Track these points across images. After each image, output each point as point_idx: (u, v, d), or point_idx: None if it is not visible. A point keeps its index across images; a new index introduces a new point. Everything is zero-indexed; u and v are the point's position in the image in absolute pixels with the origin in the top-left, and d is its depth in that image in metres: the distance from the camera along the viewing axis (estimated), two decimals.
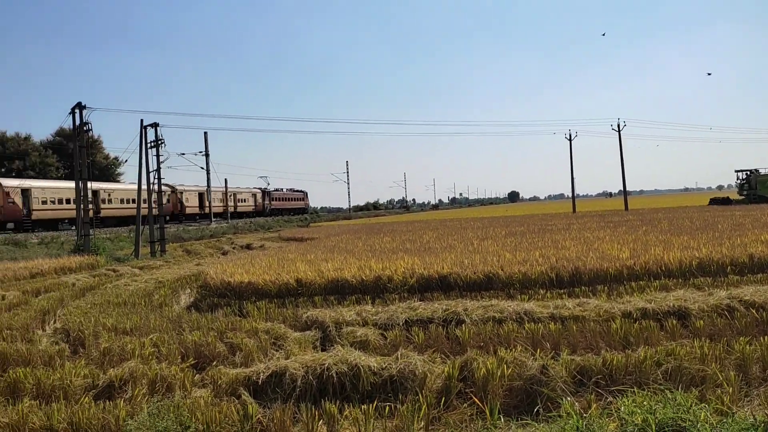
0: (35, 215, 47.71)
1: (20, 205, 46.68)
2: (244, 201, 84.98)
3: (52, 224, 49.00)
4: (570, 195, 68.74)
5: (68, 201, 48.27)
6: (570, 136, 61.20)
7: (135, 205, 58.04)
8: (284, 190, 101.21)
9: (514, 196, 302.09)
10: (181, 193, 68.34)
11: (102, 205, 55.06)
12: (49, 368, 7.72)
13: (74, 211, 51.15)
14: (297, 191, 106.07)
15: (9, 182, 47.73)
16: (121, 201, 58.71)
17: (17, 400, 6.55)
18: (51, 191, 49.89)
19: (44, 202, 48.62)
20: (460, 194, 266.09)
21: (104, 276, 20.67)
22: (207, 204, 70.26)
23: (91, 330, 9.79)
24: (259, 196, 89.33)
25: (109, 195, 56.56)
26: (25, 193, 47.60)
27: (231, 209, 78.54)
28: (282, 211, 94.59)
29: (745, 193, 57.34)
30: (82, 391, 6.83)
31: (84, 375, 7.16)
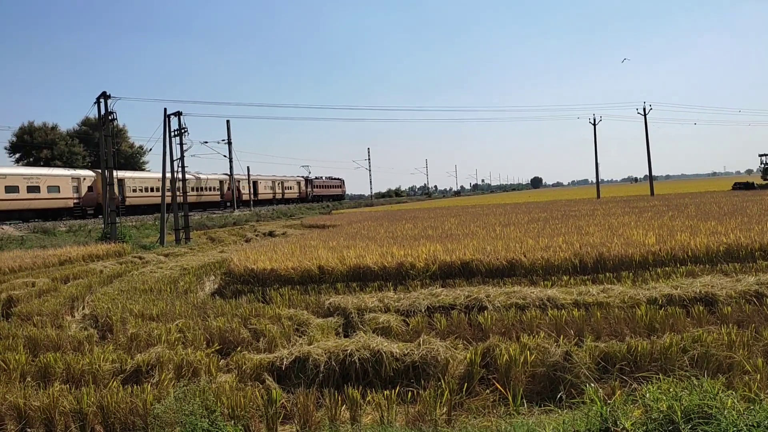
0: (128, 201, 53.51)
1: (116, 193, 50.58)
2: (291, 188, 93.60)
3: (141, 210, 55.38)
4: (594, 180, 67.88)
5: (151, 189, 55.53)
6: (594, 120, 60.34)
7: (213, 192, 68.53)
8: (323, 178, 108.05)
9: (537, 182, 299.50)
10: (239, 181, 75.72)
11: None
12: (78, 353, 7.89)
13: (158, 198, 55.29)
14: (335, 179, 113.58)
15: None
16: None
17: (48, 384, 6.72)
18: (139, 181, 56.73)
19: (134, 190, 54.59)
20: (482, 180, 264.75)
21: (130, 263, 21.01)
22: (248, 191, 77.76)
23: (119, 316, 9.98)
24: (302, 183, 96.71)
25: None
26: (120, 182, 52.24)
27: (279, 196, 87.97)
28: (322, 198, 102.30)
29: (766, 177, 56.10)
30: (111, 375, 6.98)
31: (112, 360, 7.31)
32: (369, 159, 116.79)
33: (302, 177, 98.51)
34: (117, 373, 7.04)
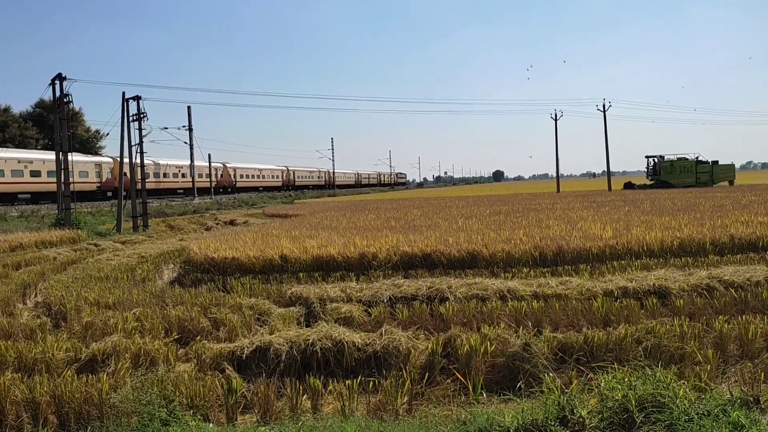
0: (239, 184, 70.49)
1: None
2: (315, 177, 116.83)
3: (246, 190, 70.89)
4: (554, 175, 69.01)
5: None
6: (555, 115, 61.28)
7: (261, 180, 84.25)
8: (344, 171, 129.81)
9: (498, 176, 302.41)
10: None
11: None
12: (30, 341, 7.66)
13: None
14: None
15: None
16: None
17: None
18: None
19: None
20: (445, 173, 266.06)
21: (86, 250, 20.47)
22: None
23: (73, 304, 9.72)
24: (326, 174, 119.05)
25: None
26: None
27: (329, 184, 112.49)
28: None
29: (650, 178, 58.36)
30: (65, 364, 6.79)
31: (66, 349, 7.12)
32: (332, 149, 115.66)
33: (325, 170, 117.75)
34: (71, 362, 6.86)
